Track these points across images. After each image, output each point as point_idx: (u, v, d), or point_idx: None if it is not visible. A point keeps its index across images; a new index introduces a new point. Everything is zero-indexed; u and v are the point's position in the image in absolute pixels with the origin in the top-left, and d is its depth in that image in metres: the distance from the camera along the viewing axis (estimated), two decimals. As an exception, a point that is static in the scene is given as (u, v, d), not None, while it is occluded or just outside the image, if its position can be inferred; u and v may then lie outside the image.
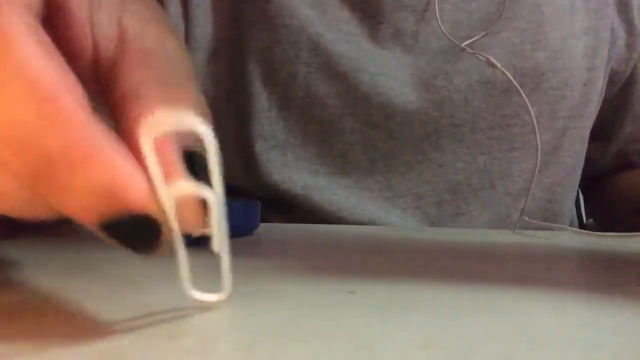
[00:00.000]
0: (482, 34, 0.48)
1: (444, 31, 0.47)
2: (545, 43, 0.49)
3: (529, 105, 0.45)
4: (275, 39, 0.48)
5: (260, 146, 0.49)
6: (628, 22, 0.54)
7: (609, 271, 0.29)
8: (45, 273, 0.24)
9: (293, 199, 0.49)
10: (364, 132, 0.48)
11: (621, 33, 0.54)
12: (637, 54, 0.55)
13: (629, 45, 0.55)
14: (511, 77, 0.46)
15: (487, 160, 0.50)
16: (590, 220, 0.71)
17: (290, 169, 0.49)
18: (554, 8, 0.51)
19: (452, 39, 0.47)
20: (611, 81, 0.55)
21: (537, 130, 0.44)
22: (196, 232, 0.29)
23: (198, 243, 0.16)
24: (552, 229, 0.44)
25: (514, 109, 0.49)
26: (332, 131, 0.48)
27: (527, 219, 0.46)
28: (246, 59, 0.49)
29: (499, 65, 0.46)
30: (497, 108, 0.49)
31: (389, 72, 0.48)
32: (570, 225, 0.53)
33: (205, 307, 0.18)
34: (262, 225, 0.38)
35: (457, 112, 0.48)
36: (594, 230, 0.42)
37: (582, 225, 0.73)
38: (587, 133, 0.54)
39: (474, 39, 0.48)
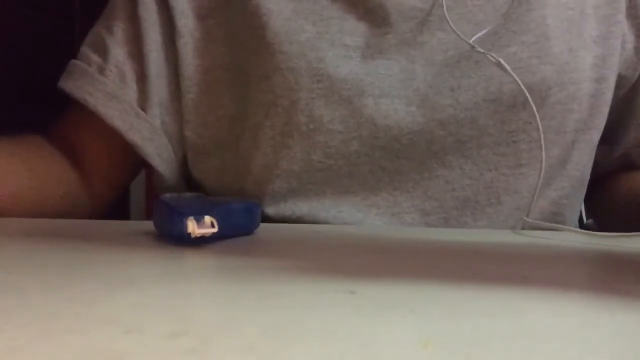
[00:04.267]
0: (488, 27, 0.47)
1: (454, 29, 0.46)
2: (552, 57, 0.49)
3: (537, 116, 0.45)
4: (274, 67, 0.47)
5: (264, 176, 0.48)
6: (637, 26, 0.53)
7: (609, 271, 0.29)
8: (45, 273, 0.24)
9: (299, 219, 0.49)
10: (370, 155, 0.48)
11: (630, 37, 0.53)
12: None
13: (637, 49, 0.54)
14: (521, 85, 0.45)
15: (494, 176, 0.49)
16: (590, 220, 0.71)
17: (295, 195, 0.49)
18: (560, 20, 0.50)
19: (462, 37, 0.46)
20: (618, 86, 0.54)
21: (543, 145, 0.44)
22: (196, 232, 0.29)
23: (198, 243, 0.16)
24: (552, 229, 0.44)
25: (521, 125, 0.48)
26: (337, 156, 0.48)
27: (526, 218, 0.46)
28: (247, 88, 0.48)
29: (508, 68, 0.46)
30: (503, 124, 0.48)
31: (393, 92, 0.47)
32: None
33: (205, 306, 0.18)
34: (262, 225, 0.38)
35: (463, 129, 0.48)
36: (594, 230, 0.42)
37: (582, 225, 0.73)
38: (595, 145, 0.53)
39: (482, 33, 0.47)
